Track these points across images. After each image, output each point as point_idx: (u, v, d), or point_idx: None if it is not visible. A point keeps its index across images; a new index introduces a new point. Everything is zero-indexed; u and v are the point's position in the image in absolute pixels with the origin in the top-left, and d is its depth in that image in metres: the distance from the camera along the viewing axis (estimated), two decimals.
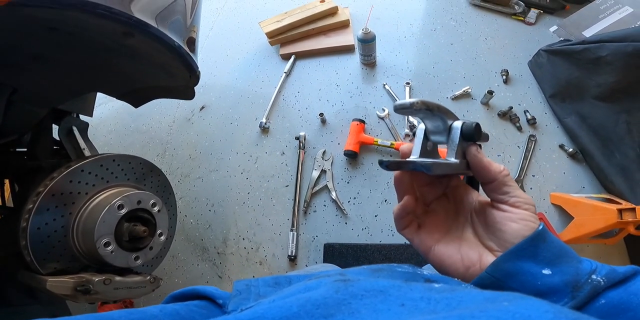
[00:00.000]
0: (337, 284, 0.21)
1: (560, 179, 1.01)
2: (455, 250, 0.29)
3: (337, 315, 0.18)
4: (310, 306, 0.18)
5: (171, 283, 1.09)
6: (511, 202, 0.27)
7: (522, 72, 1.17)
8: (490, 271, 0.26)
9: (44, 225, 0.64)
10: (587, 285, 0.24)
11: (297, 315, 0.18)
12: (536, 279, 0.24)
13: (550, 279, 0.24)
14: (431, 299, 0.19)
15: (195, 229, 1.12)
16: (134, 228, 0.74)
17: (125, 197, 0.72)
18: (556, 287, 0.24)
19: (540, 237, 0.25)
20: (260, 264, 1.03)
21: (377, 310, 0.18)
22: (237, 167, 1.16)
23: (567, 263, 0.25)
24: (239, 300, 0.25)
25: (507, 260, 0.25)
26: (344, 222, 1.02)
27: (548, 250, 0.25)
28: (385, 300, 0.19)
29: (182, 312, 0.25)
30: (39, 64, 0.62)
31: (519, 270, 0.25)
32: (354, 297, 0.19)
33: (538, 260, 0.25)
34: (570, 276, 0.24)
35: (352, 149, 1.05)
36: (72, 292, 0.64)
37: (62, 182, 0.67)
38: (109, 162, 0.76)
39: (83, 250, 0.70)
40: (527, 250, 0.25)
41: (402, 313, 0.18)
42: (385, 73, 1.26)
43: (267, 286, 0.27)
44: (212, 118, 1.29)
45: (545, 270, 0.24)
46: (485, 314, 0.15)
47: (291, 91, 1.27)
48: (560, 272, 0.24)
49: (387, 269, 0.27)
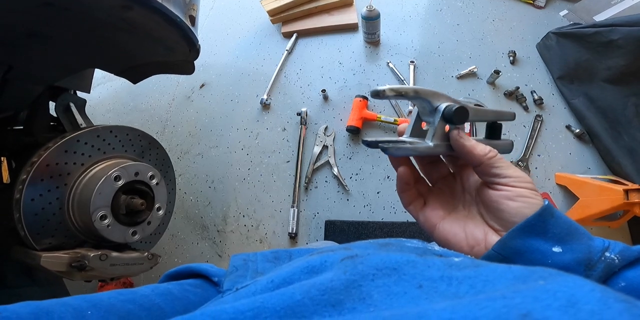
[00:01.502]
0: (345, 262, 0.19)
1: (565, 160, 1.00)
2: (460, 228, 0.28)
3: (346, 302, 0.16)
4: (316, 292, 0.17)
5: (171, 263, 1.08)
6: (503, 182, 0.26)
7: (530, 54, 1.15)
8: (497, 249, 0.24)
9: (38, 196, 0.62)
10: (601, 264, 0.22)
11: (300, 304, 0.16)
12: (546, 257, 0.23)
13: (561, 257, 0.23)
14: (452, 278, 0.17)
15: (195, 206, 1.10)
16: (132, 201, 0.72)
17: (123, 169, 0.70)
18: (568, 265, 0.22)
19: (548, 212, 0.24)
20: (261, 242, 1.02)
21: (391, 294, 0.16)
22: (237, 143, 1.14)
23: (578, 240, 0.23)
24: (234, 277, 0.23)
25: (515, 237, 0.24)
26: (345, 199, 1.00)
27: (557, 226, 0.23)
28: (399, 280, 0.17)
29: (175, 291, 0.24)
30: (33, 41, 0.59)
31: (527, 247, 0.23)
32: (365, 278, 0.18)
33: (547, 237, 0.23)
34: (582, 254, 0.22)
35: (355, 124, 1.04)
36: (67, 268, 0.62)
37: (57, 153, 0.64)
38: (106, 133, 0.74)
39: (79, 224, 0.67)
40: (535, 226, 0.23)
41: (420, 297, 0.16)
42: (389, 52, 1.23)
43: (266, 261, 0.26)
44: (212, 95, 1.26)
45: (555, 248, 0.23)
46: (521, 294, 0.13)
47: (293, 69, 1.24)
48: (571, 249, 0.23)
49: (395, 243, 0.26)
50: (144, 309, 0.22)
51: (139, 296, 0.22)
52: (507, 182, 0.25)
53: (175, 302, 0.23)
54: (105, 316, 0.20)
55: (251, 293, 0.19)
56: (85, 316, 0.19)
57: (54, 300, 0.20)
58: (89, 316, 0.19)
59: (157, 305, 0.22)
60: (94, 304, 0.20)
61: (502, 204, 0.25)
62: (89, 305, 0.20)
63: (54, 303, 0.19)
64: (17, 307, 0.18)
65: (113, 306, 0.21)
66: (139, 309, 0.21)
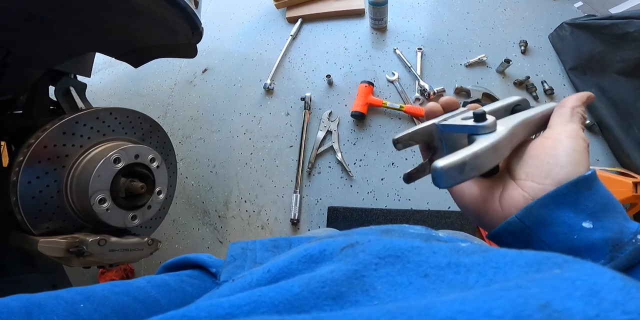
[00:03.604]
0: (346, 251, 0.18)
1: None
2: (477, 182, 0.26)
3: (348, 295, 0.15)
4: (315, 284, 0.16)
5: (171, 248, 1.06)
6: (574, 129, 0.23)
7: (542, 45, 1.13)
8: (521, 216, 0.22)
9: (35, 179, 0.60)
10: (630, 246, 0.20)
11: (299, 297, 0.15)
12: (573, 232, 0.21)
13: (589, 234, 0.20)
14: (460, 265, 0.16)
15: (197, 191, 1.09)
16: (131, 184, 0.70)
17: (122, 151, 0.68)
18: (594, 244, 0.20)
19: (586, 182, 0.21)
20: (262, 228, 1.00)
21: (395, 285, 0.16)
22: (240, 127, 1.12)
23: (612, 218, 0.21)
24: (232, 268, 0.22)
25: (544, 205, 0.21)
26: (349, 185, 0.99)
27: (593, 200, 0.21)
28: (403, 269, 0.16)
29: (171, 282, 0.23)
30: (33, 24, 0.57)
31: (555, 219, 0.21)
32: (367, 267, 0.17)
33: (579, 210, 0.21)
34: (613, 233, 0.20)
35: (360, 110, 1.01)
36: (65, 253, 0.60)
37: (55, 134, 0.62)
38: (106, 114, 0.72)
39: (77, 207, 0.65)
40: (568, 196, 0.21)
41: (427, 288, 0.15)
42: (397, 38, 1.20)
43: (265, 250, 0.25)
44: (215, 80, 1.24)
45: (585, 223, 0.21)
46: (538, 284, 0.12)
47: (297, 54, 1.22)
48: (602, 227, 0.21)
49: (398, 229, 0.24)
50: (139, 301, 0.21)
51: (134, 288, 0.22)
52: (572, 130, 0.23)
53: (172, 294, 0.23)
54: (98, 309, 0.19)
55: (247, 284, 0.18)
56: (77, 309, 0.19)
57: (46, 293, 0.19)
58: (81, 309, 0.19)
59: (152, 297, 0.22)
60: (86, 296, 0.20)
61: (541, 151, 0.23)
62: (81, 298, 0.20)
63: (45, 296, 0.19)
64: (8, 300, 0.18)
65: (107, 298, 0.20)
66: (133, 301, 0.21)
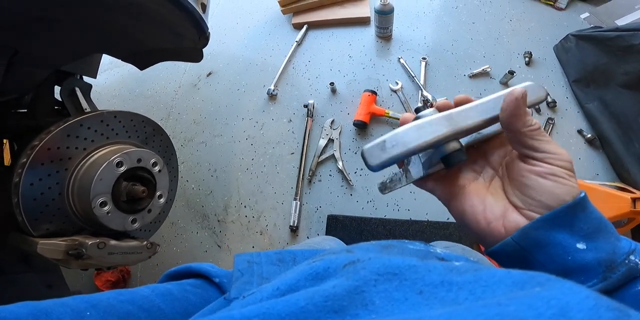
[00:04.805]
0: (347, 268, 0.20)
1: (575, 165, 0.97)
2: (479, 201, 0.26)
3: (349, 309, 0.17)
4: (319, 298, 0.17)
5: (169, 251, 1.07)
6: (539, 157, 0.23)
7: (546, 56, 1.13)
8: (517, 238, 0.23)
9: (38, 181, 0.60)
10: (623, 267, 0.21)
11: (305, 310, 0.16)
12: (567, 253, 0.22)
13: (583, 255, 0.21)
14: (452, 284, 0.17)
15: (197, 194, 1.09)
16: (133, 188, 0.70)
17: (125, 154, 0.69)
18: (588, 264, 0.21)
19: (581, 205, 0.22)
20: (261, 234, 1.00)
21: (392, 300, 0.17)
22: (242, 132, 1.13)
23: (605, 239, 0.22)
24: (241, 284, 0.23)
25: (539, 227, 0.22)
26: (349, 194, 0.99)
27: (587, 222, 0.22)
28: (400, 286, 0.18)
29: (175, 291, 0.24)
30: (40, 25, 0.57)
31: (550, 240, 0.22)
32: (367, 284, 0.18)
33: (574, 231, 0.22)
34: (606, 254, 0.21)
35: (362, 119, 1.02)
36: (64, 256, 0.61)
37: (59, 136, 0.62)
38: (110, 118, 0.72)
39: (78, 210, 0.65)
40: (563, 218, 0.22)
41: (420, 304, 0.16)
42: (401, 47, 1.21)
43: (270, 264, 0.25)
44: (219, 84, 1.24)
45: (579, 244, 0.22)
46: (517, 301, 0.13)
47: (302, 60, 1.22)
48: (595, 248, 0.21)
49: (397, 245, 0.25)
50: (143, 310, 0.22)
51: (139, 297, 0.22)
52: (543, 157, 0.23)
53: (175, 303, 0.23)
54: (104, 317, 0.20)
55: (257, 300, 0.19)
56: (84, 317, 0.19)
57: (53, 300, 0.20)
58: (87, 317, 0.19)
59: (156, 306, 0.22)
60: (92, 304, 0.20)
61: (530, 180, 0.23)
62: (87, 306, 0.20)
63: (52, 303, 0.19)
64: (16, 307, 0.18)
65: (112, 307, 0.21)
66: (138, 310, 0.21)
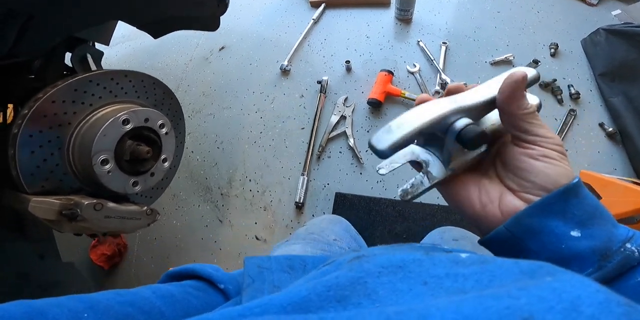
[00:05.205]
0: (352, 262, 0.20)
1: (593, 158, 0.97)
2: (474, 185, 0.26)
3: (351, 298, 0.16)
4: (321, 288, 0.17)
5: (169, 225, 1.04)
6: (531, 140, 0.23)
7: (573, 49, 1.11)
8: (509, 226, 0.22)
9: (38, 133, 0.57)
10: (618, 255, 0.20)
11: (306, 299, 0.16)
12: (561, 241, 0.21)
13: (577, 243, 0.21)
14: (458, 275, 0.16)
15: (201, 166, 1.06)
16: (137, 147, 0.67)
17: (132, 112, 0.66)
18: (582, 253, 0.21)
19: (573, 191, 0.21)
20: (265, 210, 0.97)
21: (396, 291, 0.17)
22: (251, 106, 1.10)
23: (600, 226, 0.21)
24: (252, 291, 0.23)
25: (532, 215, 0.22)
26: (358, 173, 0.96)
27: (581, 208, 0.21)
28: (405, 277, 0.17)
29: (176, 293, 0.23)
30: None
31: (543, 228, 0.21)
32: (370, 275, 0.18)
33: (567, 218, 0.21)
34: (601, 242, 0.21)
35: (377, 97, 0.98)
36: (57, 216, 0.57)
37: (66, 90, 0.59)
38: (121, 76, 0.70)
39: (77, 167, 0.62)
40: (556, 205, 0.21)
41: (425, 294, 0.16)
42: (421, 31, 1.17)
43: (281, 271, 0.25)
44: (231, 58, 1.22)
45: (573, 232, 0.21)
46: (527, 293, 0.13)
47: (317, 38, 1.19)
48: (590, 235, 0.21)
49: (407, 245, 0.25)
50: (143, 312, 0.21)
51: (139, 298, 0.21)
52: (535, 140, 0.23)
53: (176, 306, 0.23)
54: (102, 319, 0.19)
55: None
56: (81, 318, 0.19)
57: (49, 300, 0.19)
58: (84, 319, 0.19)
59: (157, 309, 0.22)
60: (90, 305, 0.19)
61: (523, 162, 0.23)
62: (85, 307, 0.19)
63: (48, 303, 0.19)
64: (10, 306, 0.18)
65: (111, 308, 0.20)
66: (138, 312, 0.21)
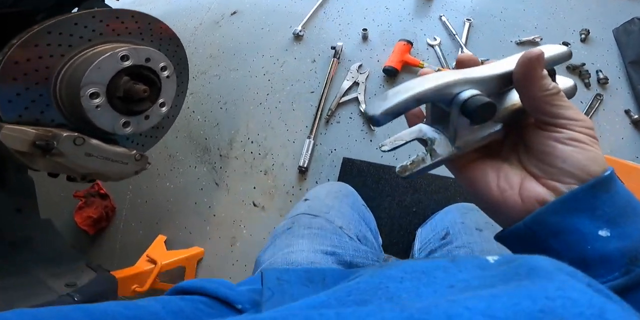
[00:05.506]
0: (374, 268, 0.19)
1: (616, 144, 0.94)
2: (493, 169, 0.23)
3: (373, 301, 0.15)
4: (341, 293, 0.16)
5: (162, 187, 0.99)
6: (559, 124, 0.21)
7: (604, 37, 1.07)
8: (529, 223, 0.20)
9: (25, 61, 0.52)
10: None
11: (325, 304, 0.16)
12: (587, 242, 0.19)
13: (605, 244, 0.18)
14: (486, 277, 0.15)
15: (201, 126, 1.01)
16: (134, 85, 0.61)
17: (133, 50, 0.61)
18: (609, 255, 0.18)
19: (604, 184, 0.19)
20: (265, 174, 0.92)
21: (420, 295, 0.15)
22: (260, 68, 1.05)
23: (632, 224, 0.19)
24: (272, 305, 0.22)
25: (556, 212, 0.19)
26: (368, 139, 0.90)
27: (612, 204, 0.19)
28: (430, 283, 0.16)
29: (187, 309, 0.22)
30: None
31: (568, 226, 0.19)
32: (392, 280, 0.17)
33: (596, 216, 0.19)
34: (632, 242, 0.18)
35: (394, 66, 0.93)
36: (29, 148, 0.51)
37: (64, 23, 0.55)
38: (127, 16, 0.65)
39: (63, 99, 0.56)
40: (583, 201, 0.19)
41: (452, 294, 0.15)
42: (444, 6, 1.13)
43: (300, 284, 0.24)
44: (242, 23, 1.17)
45: (602, 231, 0.19)
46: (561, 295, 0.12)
47: (334, 6, 1.15)
48: (620, 234, 0.18)
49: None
50: None
51: (147, 313, 0.20)
52: (562, 123, 0.21)
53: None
54: None
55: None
56: None
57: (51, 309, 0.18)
58: None
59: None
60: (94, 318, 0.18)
61: (549, 147, 0.21)
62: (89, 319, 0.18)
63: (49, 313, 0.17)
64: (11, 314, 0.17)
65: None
66: None
